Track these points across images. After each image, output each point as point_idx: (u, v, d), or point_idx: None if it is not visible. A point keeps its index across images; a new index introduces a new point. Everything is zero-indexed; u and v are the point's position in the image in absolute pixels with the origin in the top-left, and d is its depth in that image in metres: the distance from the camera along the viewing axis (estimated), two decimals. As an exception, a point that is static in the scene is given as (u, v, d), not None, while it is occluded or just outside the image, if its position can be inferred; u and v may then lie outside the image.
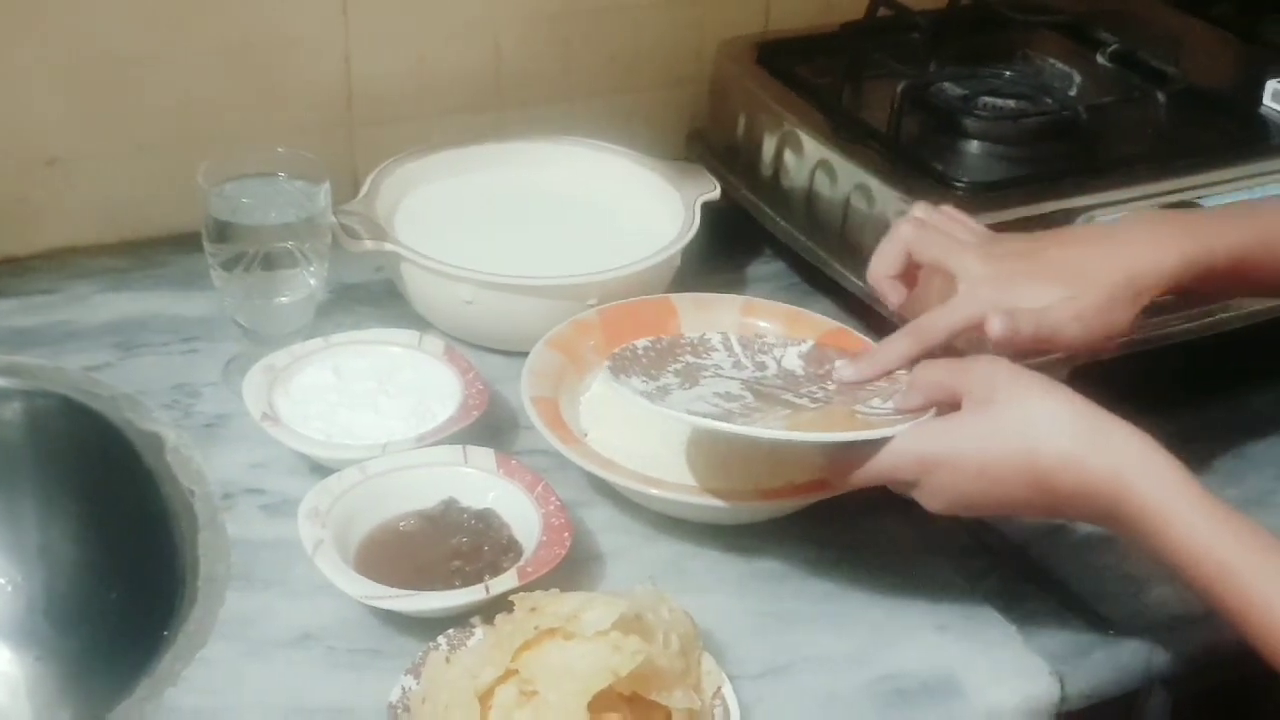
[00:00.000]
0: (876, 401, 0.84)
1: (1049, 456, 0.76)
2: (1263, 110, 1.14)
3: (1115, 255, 0.86)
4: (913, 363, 0.86)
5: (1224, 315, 1.03)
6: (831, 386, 0.87)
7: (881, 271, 0.91)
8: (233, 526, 0.92)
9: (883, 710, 0.82)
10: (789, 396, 0.87)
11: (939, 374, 0.82)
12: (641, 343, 0.94)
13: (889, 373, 0.88)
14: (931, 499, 0.80)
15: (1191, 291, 0.89)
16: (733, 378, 0.90)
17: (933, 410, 0.82)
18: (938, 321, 0.87)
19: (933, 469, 0.79)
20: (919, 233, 0.90)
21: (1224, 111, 1.14)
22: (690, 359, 0.92)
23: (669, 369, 0.91)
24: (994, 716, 0.83)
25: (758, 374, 0.91)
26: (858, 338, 1.02)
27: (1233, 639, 0.87)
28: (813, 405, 0.85)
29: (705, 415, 0.83)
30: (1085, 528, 0.96)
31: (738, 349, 0.93)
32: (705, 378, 0.90)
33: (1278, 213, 0.91)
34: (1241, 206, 0.94)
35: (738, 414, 0.84)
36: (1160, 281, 0.86)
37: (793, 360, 0.92)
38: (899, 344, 0.88)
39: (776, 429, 0.81)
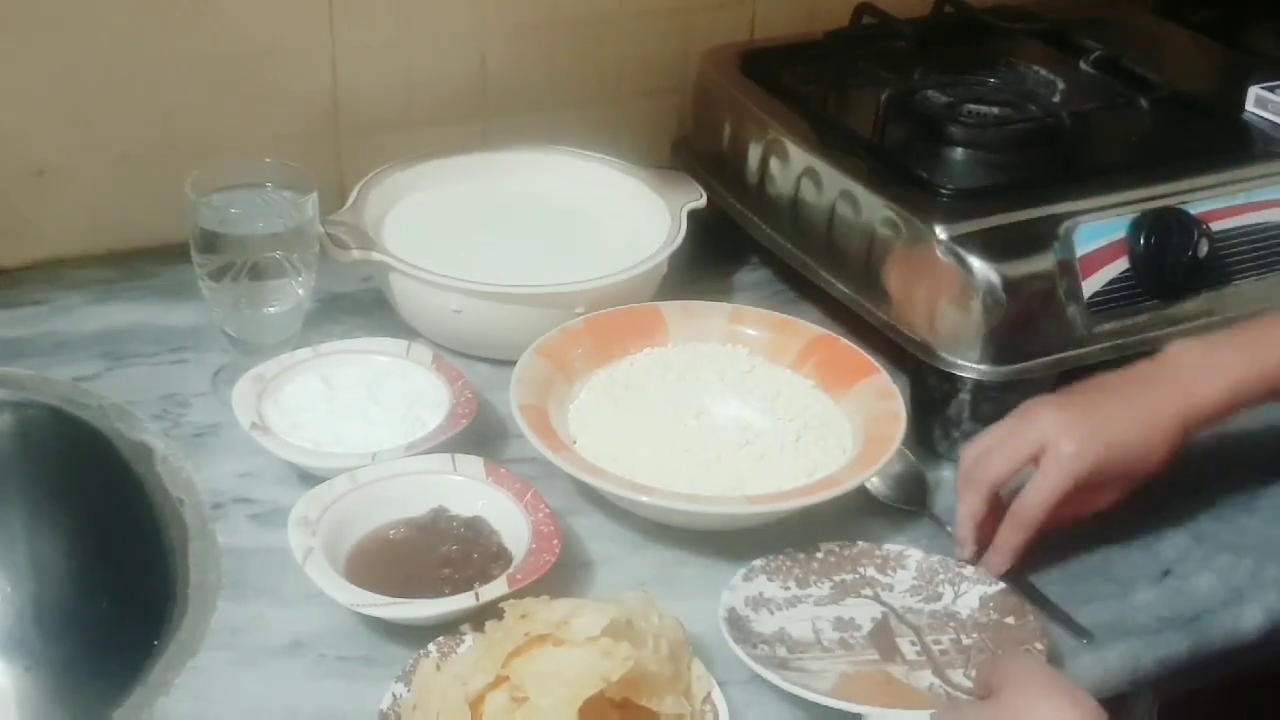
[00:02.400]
0: (961, 670, 0.82)
1: None
2: (1245, 116, 1.15)
3: (1169, 401, 0.89)
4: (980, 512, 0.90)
5: (1207, 321, 1.04)
6: (968, 642, 0.85)
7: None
8: (223, 536, 0.92)
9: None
10: (906, 641, 0.85)
11: (984, 670, 0.80)
12: (831, 544, 0.91)
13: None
14: None
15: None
16: (887, 604, 0.88)
17: None
18: (994, 468, 0.90)
19: None
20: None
21: (1207, 118, 1.15)
22: (870, 573, 0.90)
23: (835, 577, 0.89)
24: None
25: (921, 605, 0.88)
26: (845, 345, 1.02)
27: (1217, 643, 0.88)
28: (915, 658, 0.84)
29: (773, 650, 0.83)
30: (1071, 531, 0.97)
31: (929, 571, 0.90)
32: (861, 595, 0.88)
33: None
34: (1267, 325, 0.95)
35: (817, 650, 0.84)
36: (1212, 418, 0.91)
37: (971, 600, 0.88)
38: (977, 509, 0.90)
39: (819, 687, 0.80)
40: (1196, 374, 0.90)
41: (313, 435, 0.96)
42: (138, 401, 1.03)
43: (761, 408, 0.99)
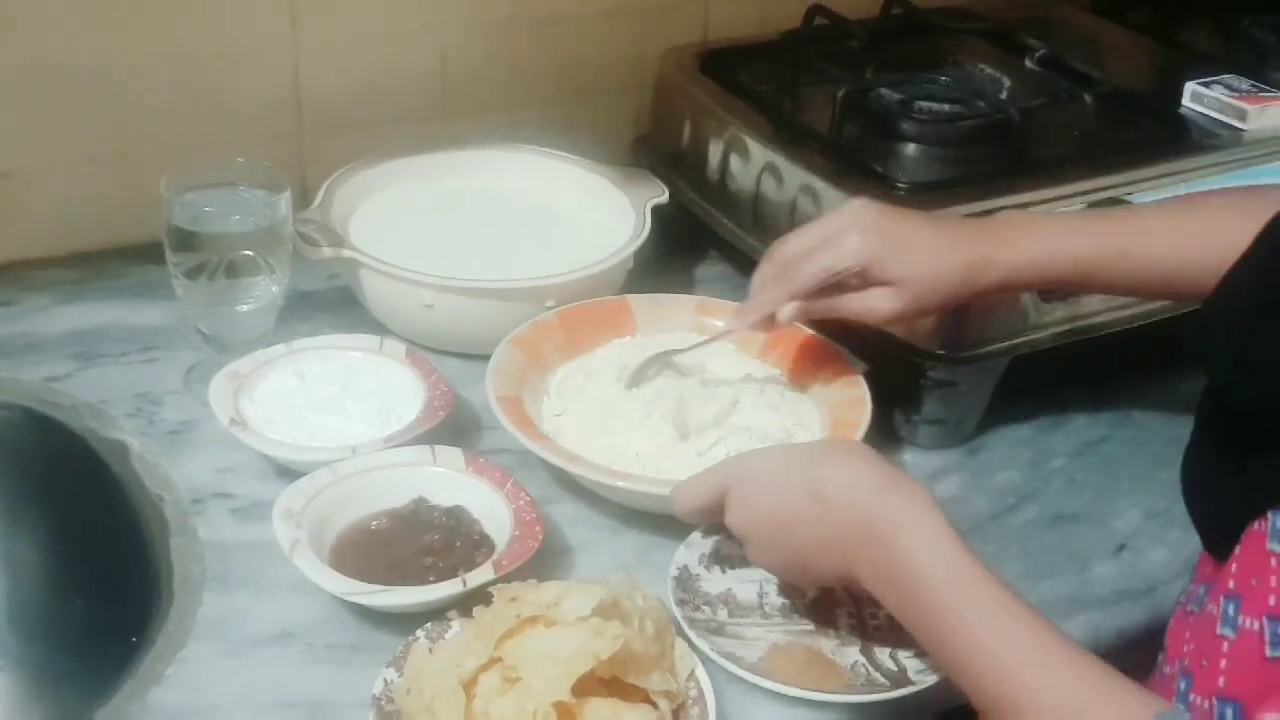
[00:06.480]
0: (904, 653, 0.85)
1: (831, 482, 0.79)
2: (1182, 110, 1.19)
3: (943, 262, 0.92)
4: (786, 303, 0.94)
5: (1154, 305, 1.08)
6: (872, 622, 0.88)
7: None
8: (204, 530, 0.93)
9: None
10: (844, 613, 0.88)
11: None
12: None
13: (769, 312, 0.95)
14: (730, 511, 0.83)
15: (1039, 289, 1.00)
16: None
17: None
18: (808, 267, 0.93)
19: (743, 476, 0.83)
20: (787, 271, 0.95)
21: (1147, 112, 1.19)
22: None
23: None
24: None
25: None
26: (809, 334, 1.05)
27: (1172, 613, 0.92)
28: (849, 632, 0.87)
29: (714, 613, 0.87)
30: (1030, 510, 1.00)
31: None
32: None
33: (1136, 220, 0.96)
34: (1104, 215, 0.99)
35: (757, 615, 0.87)
36: (988, 287, 0.94)
37: None
38: (774, 290, 0.95)
39: (748, 657, 0.84)
40: (1013, 235, 0.93)
41: (290, 430, 0.97)
42: (110, 400, 1.04)
43: (730, 396, 1.01)
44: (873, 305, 0.93)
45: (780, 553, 0.82)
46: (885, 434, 1.04)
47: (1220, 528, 0.72)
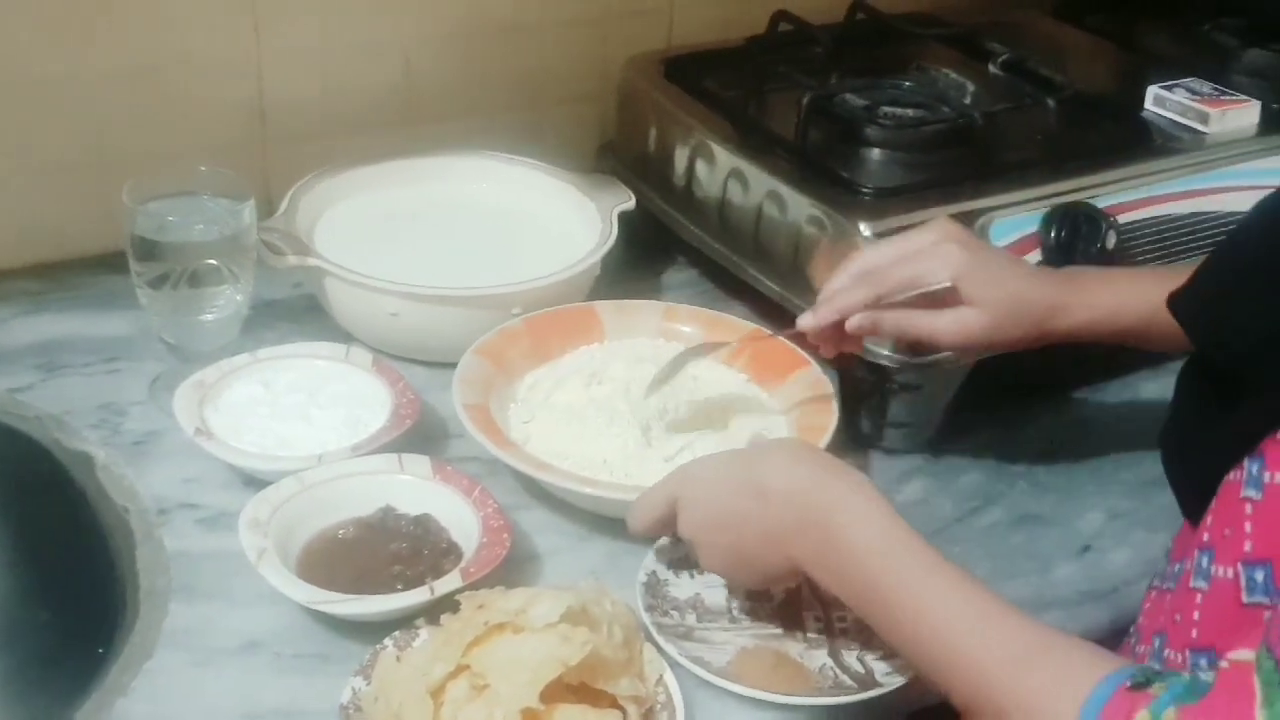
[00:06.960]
0: (872, 655, 0.85)
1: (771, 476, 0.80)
2: (1144, 114, 1.20)
3: (1029, 295, 0.92)
4: (868, 307, 0.91)
5: (1116, 308, 1.09)
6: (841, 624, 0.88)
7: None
8: (170, 541, 0.92)
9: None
10: (811, 616, 0.88)
11: None
12: None
13: (846, 316, 0.92)
14: (680, 519, 0.83)
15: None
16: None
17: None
18: (896, 274, 0.91)
19: (688, 483, 0.84)
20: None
21: (1109, 116, 1.20)
22: None
23: None
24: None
25: None
26: (776, 339, 1.05)
27: (1135, 613, 0.92)
28: (815, 635, 0.87)
29: (682, 618, 0.87)
30: (994, 512, 1.01)
31: None
32: None
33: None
34: (1168, 270, 0.98)
35: (725, 620, 0.88)
36: (1062, 331, 0.93)
37: None
38: (856, 293, 0.92)
39: (716, 661, 0.84)
40: (1092, 285, 0.94)
41: (256, 440, 0.97)
42: (75, 411, 1.03)
43: (698, 402, 1.02)
44: (949, 326, 0.91)
45: (727, 553, 0.82)
46: (851, 437, 1.05)
47: (1199, 487, 0.73)
